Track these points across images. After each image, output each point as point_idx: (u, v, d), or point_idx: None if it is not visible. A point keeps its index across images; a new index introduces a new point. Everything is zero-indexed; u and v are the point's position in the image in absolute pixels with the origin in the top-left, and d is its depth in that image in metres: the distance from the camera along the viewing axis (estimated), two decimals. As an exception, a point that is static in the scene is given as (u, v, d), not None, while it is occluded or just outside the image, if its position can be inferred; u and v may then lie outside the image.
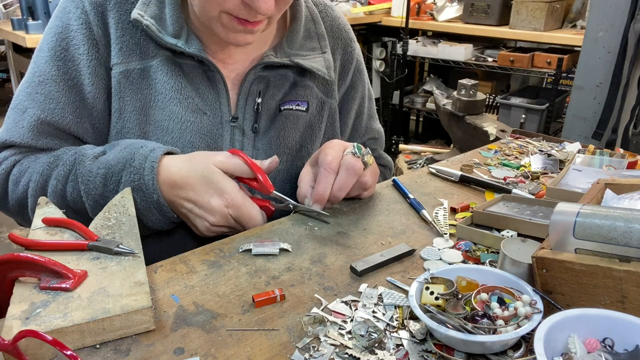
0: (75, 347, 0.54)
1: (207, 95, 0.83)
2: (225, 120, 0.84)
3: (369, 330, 0.55)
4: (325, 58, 0.90)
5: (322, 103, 0.93)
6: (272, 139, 0.87)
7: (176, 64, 0.82)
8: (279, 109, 0.88)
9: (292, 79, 0.89)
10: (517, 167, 1.01)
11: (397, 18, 3.27)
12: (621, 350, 0.48)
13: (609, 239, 0.53)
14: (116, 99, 0.81)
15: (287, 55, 0.86)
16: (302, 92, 0.89)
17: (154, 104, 0.81)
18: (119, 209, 0.73)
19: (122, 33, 0.81)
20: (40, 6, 2.29)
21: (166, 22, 0.81)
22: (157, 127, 0.82)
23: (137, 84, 0.81)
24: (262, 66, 0.85)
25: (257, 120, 0.86)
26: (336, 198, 0.79)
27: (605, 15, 2.05)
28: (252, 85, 0.85)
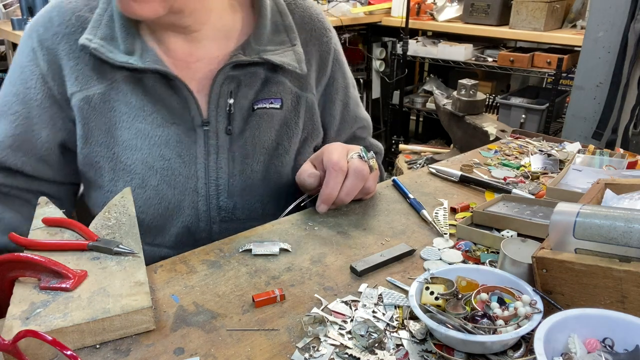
0: (75, 347, 0.54)
1: (173, 104, 0.81)
2: (197, 126, 0.82)
3: (369, 330, 0.55)
4: (295, 51, 0.87)
5: (298, 98, 0.90)
6: (248, 139, 0.85)
7: (136, 81, 0.81)
8: (252, 109, 0.85)
9: (264, 76, 0.86)
10: (517, 167, 1.01)
11: (397, 18, 3.27)
12: (621, 350, 0.48)
13: (609, 239, 0.53)
14: (80, 126, 0.81)
15: (256, 52, 0.83)
16: (275, 89, 0.87)
17: (119, 125, 0.81)
18: (119, 209, 0.73)
19: (75, 62, 0.80)
20: (40, 6, 2.29)
21: (117, 40, 0.79)
22: (125, 147, 0.81)
23: (99, 108, 0.80)
24: (231, 66, 0.82)
25: (230, 122, 0.84)
26: (342, 202, 0.79)
27: (605, 15, 2.05)
28: (223, 86, 0.83)
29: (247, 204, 0.86)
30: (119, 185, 0.82)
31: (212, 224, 0.85)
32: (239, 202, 0.85)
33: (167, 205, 0.82)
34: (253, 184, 0.85)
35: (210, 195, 0.84)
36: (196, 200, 0.83)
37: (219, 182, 0.83)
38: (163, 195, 0.81)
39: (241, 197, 0.85)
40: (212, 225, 0.85)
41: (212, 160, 0.83)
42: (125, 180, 0.81)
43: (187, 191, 0.82)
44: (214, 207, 0.84)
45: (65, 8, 0.82)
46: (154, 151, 0.81)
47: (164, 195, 0.81)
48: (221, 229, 0.85)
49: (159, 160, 0.81)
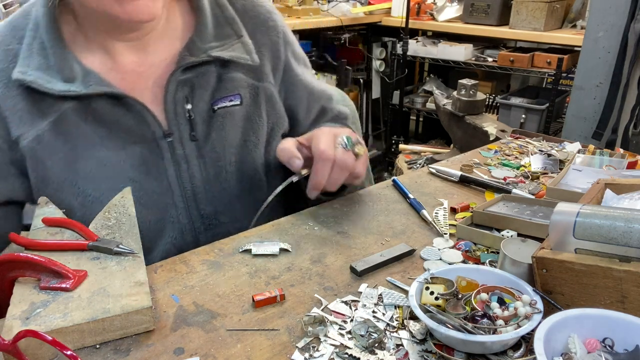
0: (75, 347, 0.54)
1: (130, 123, 0.77)
2: (160, 139, 0.78)
3: (369, 330, 0.55)
4: (244, 42, 0.83)
5: (256, 89, 0.86)
6: (215, 142, 0.82)
7: (84, 108, 0.75)
8: (212, 110, 0.82)
9: (216, 74, 0.82)
10: (517, 167, 1.01)
11: (397, 18, 3.27)
12: (621, 350, 0.48)
13: (609, 239, 0.53)
14: (34, 168, 0.76)
15: (203, 51, 0.79)
16: (230, 86, 0.83)
17: (78, 157, 0.76)
18: (119, 209, 0.73)
19: (13, 103, 0.74)
20: (40, 6, 2.29)
21: (53, 69, 0.73)
22: (89, 179, 0.77)
23: (52, 145, 0.75)
24: (181, 70, 0.78)
25: (193, 128, 0.80)
26: (330, 189, 0.78)
27: (605, 15, 2.05)
28: (177, 92, 0.79)
29: (228, 207, 0.84)
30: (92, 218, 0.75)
31: (197, 234, 0.83)
32: (220, 207, 0.83)
33: (148, 227, 0.79)
34: (230, 185, 0.83)
35: (189, 206, 0.81)
36: (176, 215, 0.81)
37: (195, 191, 0.81)
38: (141, 218, 0.74)
39: (221, 201, 0.83)
40: (198, 235, 0.83)
41: (183, 171, 0.80)
42: (97, 211, 0.74)
43: (165, 208, 0.80)
44: (196, 217, 0.82)
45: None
46: (121, 176, 0.77)
47: (142, 218, 0.75)
48: (207, 237, 0.83)
49: (129, 184, 0.77)
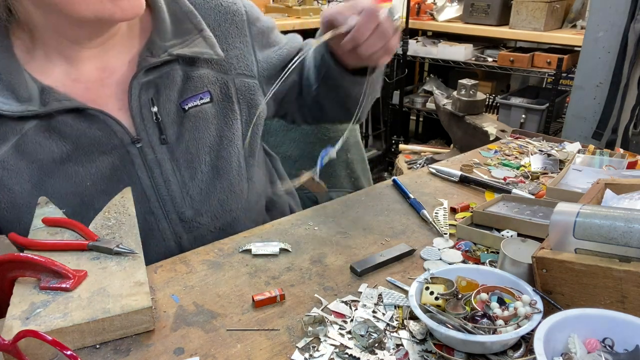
0: (75, 347, 0.54)
1: (96, 134, 0.74)
2: (129, 145, 0.76)
3: (369, 330, 0.55)
4: (205, 36, 0.80)
5: (225, 83, 0.84)
6: (189, 142, 0.79)
7: (47, 124, 0.72)
8: (182, 110, 0.79)
9: (182, 72, 0.79)
10: (517, 167, 1.01)
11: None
12: (621, 350, 0.48)
13: (609, 239, 0.53)
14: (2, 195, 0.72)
15: (164, 50, 0.77)
16: (198, 83, 0.81)
17: (45, 178, 0.73)
18: (119, 209, 0.73)
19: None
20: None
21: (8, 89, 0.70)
22: (61, 199, 0.74)
23: (16, 169, 0.72)
24: (143, 72, 0.76)
25: (162, 131, 0.77)
26: (363, 51, 0.75)
27: (605, 15, 2.05)
28: (141, 95, 0.76)
29: (206, 207, 0.82)
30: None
31: (179, 239, 0.81)
32: (200, 208, 0.81)
33: None
34: (206, 185, 0.81)
35: (167, 211, 0.79)
36: (155, 222, 0.79)
37: (172, 195, 0.79)
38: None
39: (200, 202, 0.81)
40: (180, 240, 0.81)
41: (157, 176, 0.78)
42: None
43: (142, 216, 0.77)
44: (175, 222, 0.80)
45: None
46: (93, 190, 0.74)
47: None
48: (190, 239, 0.81)
49: (101, 197, 0.74)
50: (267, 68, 0.90)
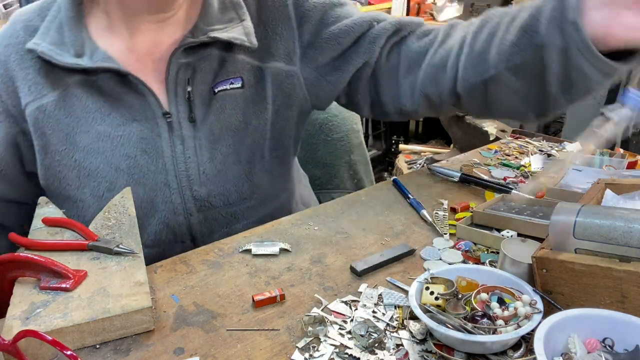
0: (75, 347, 0.54)
1: (132, 101, 0.80)
2: (159, 118, 0.80)
3: (369, 330, 0.55)
4: (244, 25, 0.83)
5: (260, 71, 0.85)
6: (213, 124, 0.82)
7: (91, 84, 0.79)
8: (213, 92, 0.82)
9: (219, 56, 0.83)
10: (517, 167, 1.01)
11: (397, 18, 3.26)
12: (621, 350, 0.48)
13: (609, 239, 0.53)
14: (36, 136, 0.80)
15: (204, 33, 0.81)
16: (232, 69, 0.83)
17: (78, 130, 0.79)
18: (119, 209, 0.73)
19: (25, 73, 0.79)
20: (40, 6, 2.29)
21: (67, 45, 0.78)
22: (86, 151, 0.79)
23: (54, 116, 0.79)
24: (181, 51, 0.80)
25: (192, 110, 0.81)
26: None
27: (605, 15, 2.05)
28: (178, 74, 0.80)
29: (221, 190, 0.83)
30: (86, 192, 0.79)
31: (189, 215, 0.83)
32: (214, 189, 0.83)
33: (140, 204, 0.79)
34: (224, 168, 0.83)
35: (182, 186, 0.81)
36: (169, 194, 0.81)
37: (189, 172, 0.81)
38: (134, 194, 0.78)
39: (214, 183, 0.83)
40: (190, 217, 0.83)
41: (178, 152, 0.81)
42: (92, 185, 0.79)
43: (158, 186, 0.80)
44: (188, 198, 0.82)
45: (17, 20, 0.83)
46: (118, 151, 0.79)
47: (134, 195, 0.78)
48: (199, 219, 0.83)
49: (123, 160, 0.79)
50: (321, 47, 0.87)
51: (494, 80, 0.71)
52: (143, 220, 0.80)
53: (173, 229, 0.82)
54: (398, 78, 0.85)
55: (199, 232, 0.84)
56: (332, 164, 1.25)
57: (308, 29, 0.87)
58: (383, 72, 0.87)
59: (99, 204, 0.77)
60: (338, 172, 1.25)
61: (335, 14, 0.88)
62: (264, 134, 0.86)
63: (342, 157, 1.25)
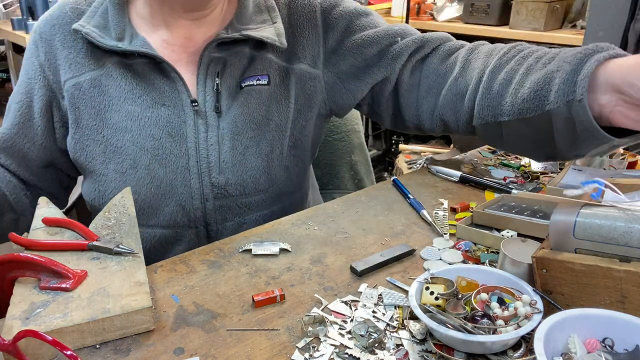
0: (75, 347, 0.54)
1: (163, 87, 0.85)
2: (186, 106, 0.85)
3: (369, 330, 0.55)
4: (276, 27, 0.89)
5: (286, 71, 0.90)
6: (237, 116, 0.86)
7: (126, 67, 0.85)
8: (240, 87, 0.87)
9: (249, 54, 0.88)
10: (517, 167, 1.01)
11: (397, 18, 3.26)
12: (621, 350, 0.48)
13: (609, 239, 0.53)
14: (71, 111, 0.86)
15: (237, 31, 0.86)
16: (260, 66, 0.89)
17: (109, 108, 0.85)
18: (119, 209, 0.73)
19: (69, 51, 0.86)
20: (40, 6, 2.29)
21: (110, 28, 0.85)
22: (115, 129, 0.84)
23: (89, 93, 0.85)
24: (215, 45, 0.85)
25: (218, 100, 0.86)
26: None
27: (605, 15, 2.05)
28: (209, 66, 0.86)
29: (239, 180, 0.86)
30: (110, 167, 0.84)
31: (205, 201, 0.86)
32: (231, 178, 0.86)
33: (159, 184, 0.84)
34: (244, 159, 0.86)
35: (202, 172, 0.85)
36: (188, 178, 0.84)
37: (209, 159, 0.85)
38: (155, 174, 0.83)
39: (232, 172, 0.86)
40: (206, 202, 0.86)
41: (201, 138, 0.85)
42: (117, 162, 0.84)
43: (179, 169, 0.84)
44: (206, 184, 0.85)
45: (66, 2, 0.90)
46: (144, 131, 0.83)
47: (155, 174, 0.83)
48: (215, 206, 0.86)
49: (149, 140, 0.83)
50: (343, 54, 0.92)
51: (507, 124, 0.75)
52: (160, 200, 0.85)
53: (188, 213, 0.85)
54: (418, 97, 0.90)
55: (213, 218, 0.86)
56: (333, 164, 1.26)
57: (333, 36, 0.92)
58: (404, 89, 0.91)
59: (121, 180, 0.83)
60: (339, 173, 1.26)
61: (361, 23, 0.93)
62: (284, 131, 0.90)
63: (343, 157, 1.26)
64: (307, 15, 0.92)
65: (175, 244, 0.87)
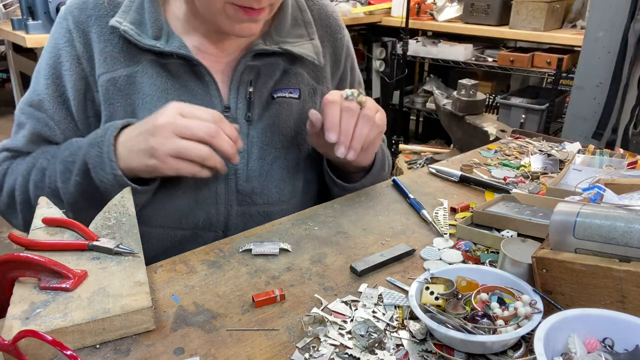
0: (75, 347, 0.54)
1: (196, 90, 0.85)
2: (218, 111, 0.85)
3: (369, 330, 0.55)
4: (314, 44, 0.91)
5: (314, 90, 0.94)
6: (267, 127, 0.88)
7: (161, 65, 0.84)
8: (271, 97, 0.89)
9: (283, 66, 0.90)
10: (517, 167, 1.01)
11: (397, 18, 3.27)
12: (621, 350, 0.48)
13: (609, 239, 0.53)
14: (105, 106, 0.84)
15: (276, 43, 0.87)
16: (293, 80, 0.90)
17: (142, 106, 0.83)
18: (119, 209, 0.73)
19: (105, 45, 0.84)
20: (40, 6, 2.29)
21: (146, 26, 0.83)
22: None
23: (124, 90, 0.83)
24: (251, 55, 0.86)
25: (250, 109, 0.87)
26: (353, 144, 0.78)
27: (605, 15, 2.05)
28: (243, 74, 0.86)
29: (264, 189, 0.88)
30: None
31: (229, 207, 0.86)
32: (257, 187, 0.87)
33: (187, 187, 0.84)
34: (271, 169, 0.88)
35: (229, 178, 0.85)
36: (215, 184, 0.85)
37: (237, 167, 0.85)
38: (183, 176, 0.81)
39: (259, 181, 0.87)
40: (230, 208, 0.86)
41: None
42: None
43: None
44: (232, 190, 0.86)
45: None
46: None
47: (183, 177, 0.82)
48: (238, 212, 0.87)
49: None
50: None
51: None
52: (187, 203, 0.86)
53: (211, 217, 0.86)
54: None
55: (234, 224, 0.87)
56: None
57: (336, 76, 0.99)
58: None
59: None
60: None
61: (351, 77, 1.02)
62: (309, 145, 0.92)
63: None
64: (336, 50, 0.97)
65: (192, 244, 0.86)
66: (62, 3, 2.19)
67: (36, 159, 0.84)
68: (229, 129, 0.74)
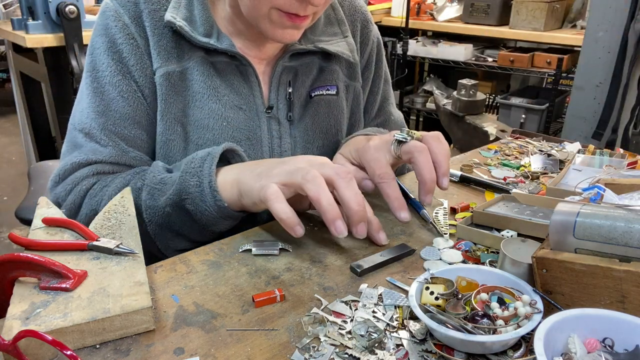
0: (75, 347, 0.54)
1: (241, 90, 0.86)
2: (261, 112, 0.87)
3: (369, 330, 0.55)
4: (348, 42, 0.93)
5: (347, 86, 0.96)
6: (308, 125, 0.90)
7: (210, 63, 0.85)
8: (309, 96, 0.91)
9: (319, 65, 0.92)
10: (517, 167, 1.01)
11: (397, 18, 3.27)
12: (621, 350, 0.48)
13: (609, 239, 0.53)
14: (160, 101, 0.84)
15: (311, 42, 0.89)
16: (329, 77, 0.93)
17: (192, 104, 0.84)
18: (119, 209, 0.73)
19: (158, 38, 0.84)
20: (40, 6, 2.28)
21: (197, 23, 0.84)
22: (197, 125, 0.84)
23: (177, 86, 0.84)
24: (289, 55, 0.88)
25: (290, 109, 0.89)
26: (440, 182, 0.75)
27: (605, 15, 2.05)
28: (282, 75, 0.88)
29: None
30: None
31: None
32: None
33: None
34: None
35: None
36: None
37: None
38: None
39: None
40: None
41: (275, 145, 0.88)
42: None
43: None
44: None
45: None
46: (226, 132, 0.84)
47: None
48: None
49: (230, 141, 0.83)
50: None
51: None
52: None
53: (255, 215, 0.85)
54: None
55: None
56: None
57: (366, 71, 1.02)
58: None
59: None
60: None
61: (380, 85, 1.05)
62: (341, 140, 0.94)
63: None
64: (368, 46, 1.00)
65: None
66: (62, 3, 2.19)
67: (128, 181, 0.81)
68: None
